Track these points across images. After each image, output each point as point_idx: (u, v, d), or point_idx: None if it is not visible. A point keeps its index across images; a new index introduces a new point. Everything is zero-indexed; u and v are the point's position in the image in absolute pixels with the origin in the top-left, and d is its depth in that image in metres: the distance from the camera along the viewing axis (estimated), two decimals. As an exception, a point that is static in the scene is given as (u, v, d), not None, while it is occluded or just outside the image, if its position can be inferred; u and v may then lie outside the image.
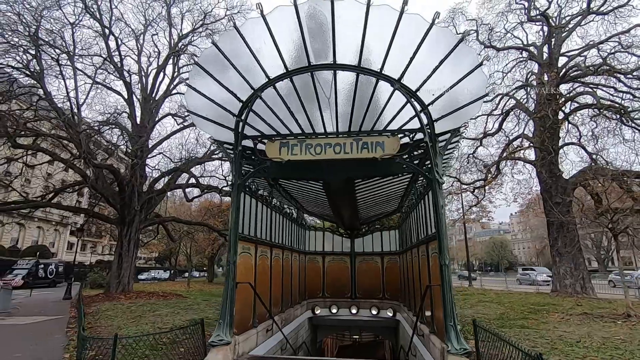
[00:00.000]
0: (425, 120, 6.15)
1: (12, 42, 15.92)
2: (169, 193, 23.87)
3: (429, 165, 6.36)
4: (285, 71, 5.81)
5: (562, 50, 21.43)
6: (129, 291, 19.19)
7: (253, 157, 7.10)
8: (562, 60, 21.60)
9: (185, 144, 26.55)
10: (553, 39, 21.20)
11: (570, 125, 21.17)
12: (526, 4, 22.22)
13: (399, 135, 6.48)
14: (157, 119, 21.34)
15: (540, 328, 8.85)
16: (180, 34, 21.22)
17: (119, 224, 20.14)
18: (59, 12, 17.79)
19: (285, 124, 6.78)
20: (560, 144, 20.73)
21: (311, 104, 6.40)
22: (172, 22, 21.10)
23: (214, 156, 19.74)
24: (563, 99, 20.07)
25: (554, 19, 21.34)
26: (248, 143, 7.10)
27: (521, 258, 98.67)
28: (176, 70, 22.17)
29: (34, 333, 10.30)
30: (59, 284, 34.20)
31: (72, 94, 16.24)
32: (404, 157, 6.58)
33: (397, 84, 5.76)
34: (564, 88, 21.33)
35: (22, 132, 16.13)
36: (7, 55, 16.38)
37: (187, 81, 5.89)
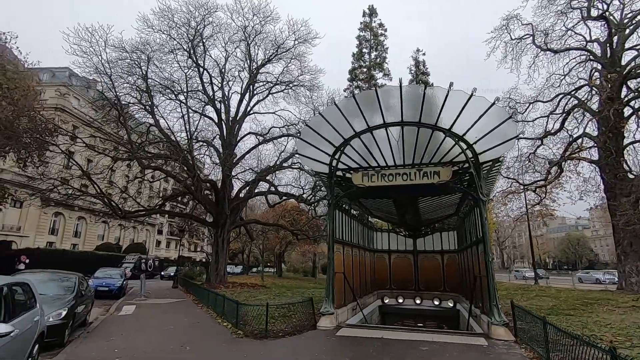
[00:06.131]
0: (470, 155, 8.36)
1: (130, 83, 20.66)
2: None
3: (474, 187, 8.55)
4: (366, 127, 8.44)
5: (627, 47, 21.17)
6: (225, 282, 23.30)
7: (342, 183, 9.84)
8: (629, 55, 21.21)
9: (260, 156, 30.09)
10: (615, 37, 21.10)
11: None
12: (586, 3, 22.24)
13: (451, 166, 8.75)
14: (239, 137, 25.32)
15: (583, 316, 10.42)
16: (257, 63, 24.94)
17: (214, 227, 24.41)
18: (166, 56, 22.43)
19: (366, 160, 9.42)
20: (625, 142, 20.64)
21: (385, 146, 8.95)
22: (250, 54, 24.87)
23: (293, 166, 23.20)
24: (626, 99, 19.99)
25: (615, 17, 21.21)
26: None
27: (603, 256, 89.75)
28: (253, 93, 25.99)
29: (178, 308, 14.14)
30: (155, 276, 40.58)
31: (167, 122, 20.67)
32: (456, 181, 8.83)
33: (447, 132, 8.08)
34: (633, 83, 21.03)
35: (146, 156, 20.83)
36: (127, 94, 21.23)
37: (300, 136, 8.76)
